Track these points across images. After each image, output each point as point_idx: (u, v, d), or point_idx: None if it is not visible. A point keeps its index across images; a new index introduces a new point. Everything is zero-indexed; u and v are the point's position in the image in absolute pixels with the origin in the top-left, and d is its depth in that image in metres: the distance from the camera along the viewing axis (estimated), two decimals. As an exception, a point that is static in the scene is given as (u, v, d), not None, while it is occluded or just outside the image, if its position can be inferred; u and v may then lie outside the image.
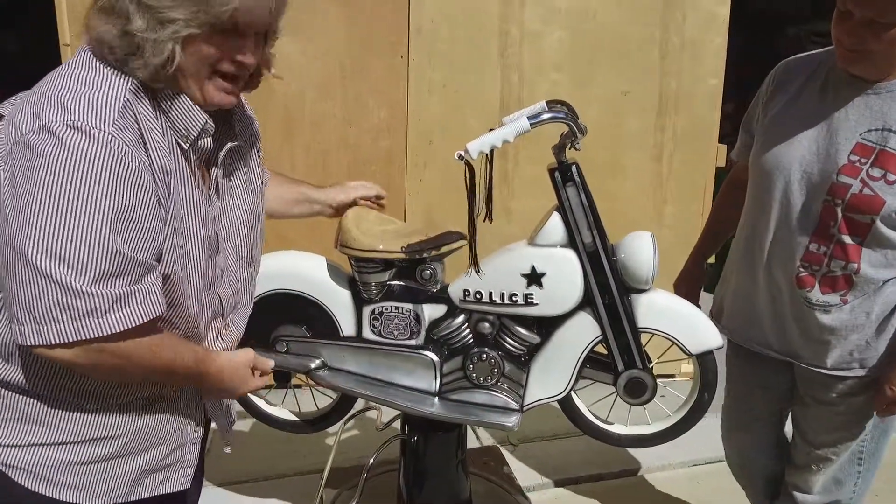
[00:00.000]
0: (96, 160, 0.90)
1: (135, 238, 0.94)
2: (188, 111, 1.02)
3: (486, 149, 1.31)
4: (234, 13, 0.94)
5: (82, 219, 0.89)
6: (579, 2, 2.77)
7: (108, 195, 0.90)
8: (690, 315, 1.54)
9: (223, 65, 1.00)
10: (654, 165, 3.00)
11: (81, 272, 0.90)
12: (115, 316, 0.93)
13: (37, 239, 0.89)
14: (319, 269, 1.63)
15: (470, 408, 1.58)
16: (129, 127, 0.94)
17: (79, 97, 0.93)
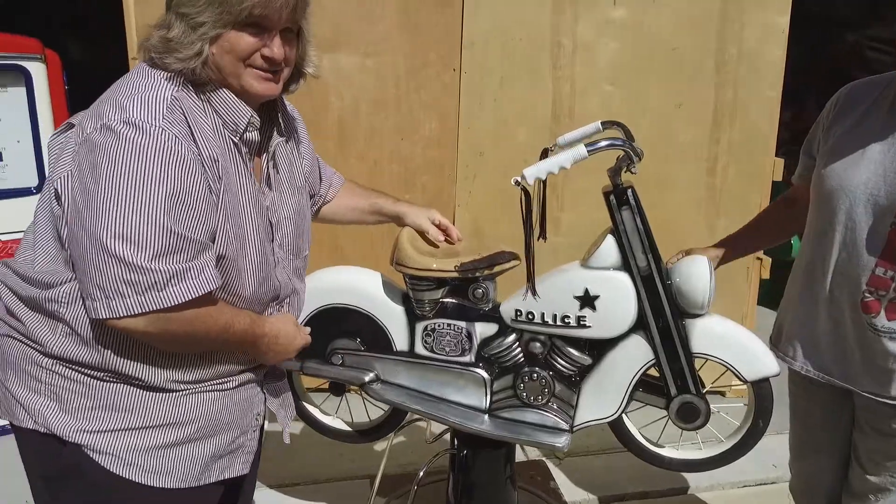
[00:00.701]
0: (148, 151, 1.02)
1: (187, 219, 1.05)
2: (234, 105, 1.16)
3: (543, 175, 1.32)
4: (251, 10, 1.08)
5: (140, 202, 1.01)
6: (633, 13, 2.75)
7: (161, 181, 1.02)
8: (746, 341, 1.52)
9: (254, 58, 1.13)
10: (707, 178, 2.95)
11: (142, 250, 1.01)
12: (173, 289, 1.04)
13: (104, 223, 1.01)
14: (375, 285, 1.67)
15: (520, 426, 1.59)
16: (177, 121, 1.07)
17: (132, 98, 1.07)
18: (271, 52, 1.13)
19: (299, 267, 1.40)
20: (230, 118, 1.16)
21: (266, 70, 1.16)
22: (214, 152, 1.11)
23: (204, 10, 1.08)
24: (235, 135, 1.18)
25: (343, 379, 1.68)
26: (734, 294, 3.00)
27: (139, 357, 1.15)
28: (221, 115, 1.16)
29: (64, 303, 1.12)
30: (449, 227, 1.68)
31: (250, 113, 1.18)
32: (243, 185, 1.18)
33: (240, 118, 1.17)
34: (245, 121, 1.17)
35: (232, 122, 1.17)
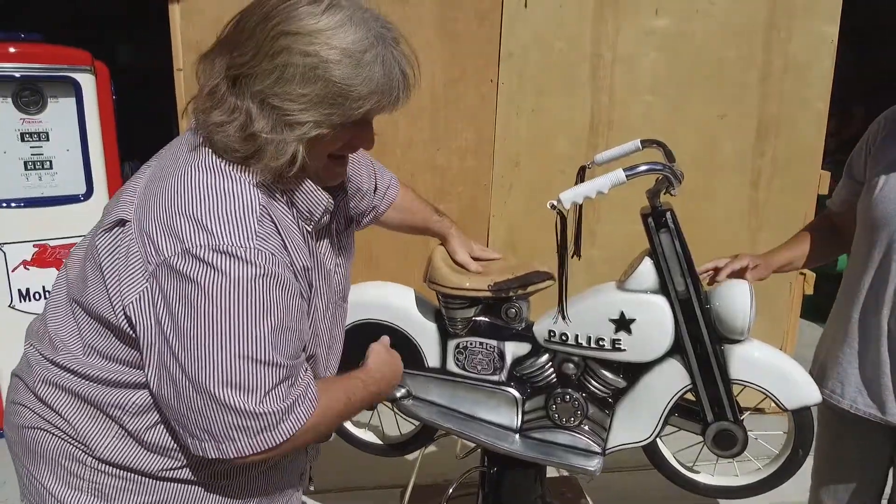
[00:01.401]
0: (248, 283, 0.90)
1: (291, 344, 0.97)
2: (312, 194, 1.03)
3: (580, 200, 1.31)
4: (371, 111, 0.95)
5: (247, 344, 0.91)
6: (676, 23, 2.70)
7: (266, 313, 0.92)
8: (787, 369, 1.47)
9: (345, 151, 1.03)
10: (750, 191, 2.88)
11: (253, 394, 0.92)
12: (285, 426, 0.95)
13: (210, 370, 0.90)
14: (408, 301, 1.67)
15: (551, 448, 1.58)
16: (270, 234, 0.95)
17: (216, 215, 0.91)
18: (367, 146, 1.04)
19: (345, 310, 1.29)
20: (305, 207, 1.03)
21: (345, 160, 1.07)
22: (303, 257, 1.01)
23: (309, 109, 0.91)
24: (309, 224, 1.05)
25: (375, 394, 1.68)
26: (776, 309, 2.93)
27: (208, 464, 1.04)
28: (297, 206, 1.02)
29: (130, 412, 1.01)
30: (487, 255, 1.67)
31: (327, 198, 1.05)
32: (319, 271, 1.08)
33: (316, 207, 1.04)
34: (322, 208, 1.05)
35: (307, 210, 1.04)
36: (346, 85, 0.90)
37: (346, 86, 0.90)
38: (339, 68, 0.89)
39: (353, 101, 0.91)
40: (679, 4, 2.68)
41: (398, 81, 0.95)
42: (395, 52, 0.95)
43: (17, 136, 2.60)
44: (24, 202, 2.61)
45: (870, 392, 1.48)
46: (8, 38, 2.54)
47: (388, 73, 0.93)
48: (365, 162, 1.38)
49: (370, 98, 0.92)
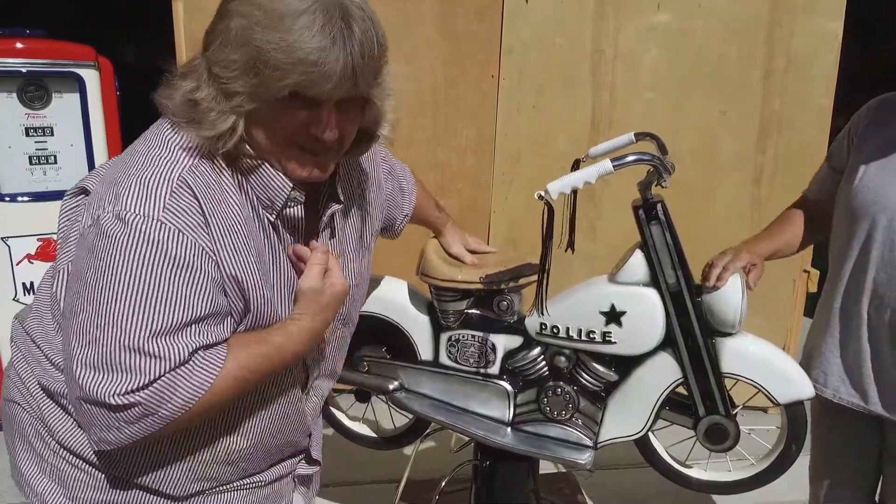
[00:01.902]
0: (136, 254, 0.83)
1: (178, 329, 0.86)
2: (270, 180, 0.93)
3: (567, 190, 1.31)
4: (295, 88, 0.83)
5: (120, 323, 0.83)
6: (677, 20, 2.69)
7: (149, 291, 0.84)
8: (780, 362, 1.47)
9: (299, 139, 0.90)
10: (752, 188, 2.86)
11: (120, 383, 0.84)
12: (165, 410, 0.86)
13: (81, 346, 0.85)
14: (401, 294, 1.68)
15: (543, 441, 1.58)
16: (185, 209, 0.86)
17: (133, 183, 0.86)
18: (321, 134, 0.88)
19: (346, 336, 1.19)
20: (265, 194, 0.94)
21: (313, 151, 0.91)
22: (240, 241, 0.91)
23: (238, 77, 0.84)
24: (272, 212, 0.95)
25: (368, 386, 1.69)
26: (779, 307, 2.91)
27: (153, 466, 0.99)
28: (255, 191, 0.93)
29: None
30: (482, 248, 1.68)
31: (290, 187, 0.94)
32: (279, 269, 0.98)
33: (276, 194, 0.94)
34: (284, 196, 0.94)
35: (267, 198, 0.94)
36: (266, 51, 0.81)
37: (265, 51, 0.81)
38: (262, 32, 0.81)
39: (273, 69, 0.81)
40: (681, 1, 2.67)
41: (333, 59, 0.81)
42: (339, 23, 0.82)
43: (22, 130, 2.63)
44: (28, 196, 2.64)
45: (852, 381, 1.48)
46: (13, 33, 2.57)
47: (321, 46, 0.81)
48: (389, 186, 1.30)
49: (293, 70, 0.81)
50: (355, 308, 1.18)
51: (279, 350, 0.95)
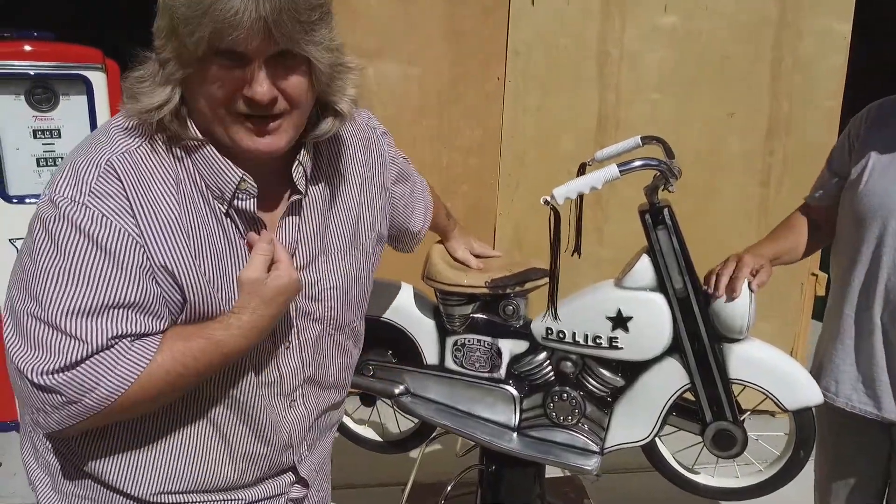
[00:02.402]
0: (64, 240, 0.82)
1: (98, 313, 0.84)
2: (217, 166, 0.89)
3: (573, 195, 1.30)
4: (209, 42, 0.80)
5: (42, 300, 0.83)
6: (684, 20, 2.67)
7: (70, 271, 0.83)
8: (788, 368, 1.45)
9: (236, 105, 0.85)
10: (760, 190, 2.85)
11: (39, 361, 0.83)
12: (90, 399, 0.84)
13: (11, 324, 0.86)
14: (406, 297, 1.67)
15: (549, 446, 1.57)
16: (109, 194, 0.84)
17: (67, 168, 0.87)
18: (251, 92, 0.83)
19: (343, 343, 1.11)
20: (213, 182, 0.90)
21: (255, 117, 0.86)
22: (173, 229, 0.87)
23: (167, 44, 0.82)
24: (223, 202, 0.91)
25: (373, 390, 1.69)
26: (787, 311, 2.89)
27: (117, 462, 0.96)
28: (206, 180, 0.90)
29: None
30: (487, 252, 1.67)
31: (240, 176, 0.90)
32: (226, 263, 0.92)
33: (225, 183, 0.90)
34: (232, 186, 0.90)
35: (216, 186, 0.90)
36: (177, 7, 0.79)
37: (177, 8, 0.80)
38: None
39: (185, 24, 0.79)
40: (687, 2, 2.66)
41: (238, 4, 0.78)
42: None
43: (30, 132, 2.64)
44: (35, 198, 2.64)
45: (865, 388, 1.46)
46: (21, 36, 2.58)
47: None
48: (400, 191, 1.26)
49: (201, 21, 0.78)
50: (352, 311, 1.09)
51: (217, 345, 0.90)
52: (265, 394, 1.01)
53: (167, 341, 0.89)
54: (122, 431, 0.95)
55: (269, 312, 0.93)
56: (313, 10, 0.83)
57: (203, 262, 0.90)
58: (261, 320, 0.92)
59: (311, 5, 0.83)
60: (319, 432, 1.13)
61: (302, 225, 0.99)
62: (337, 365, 1.11)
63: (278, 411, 1.03)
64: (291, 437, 1.06)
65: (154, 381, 0.87)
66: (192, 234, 0.89)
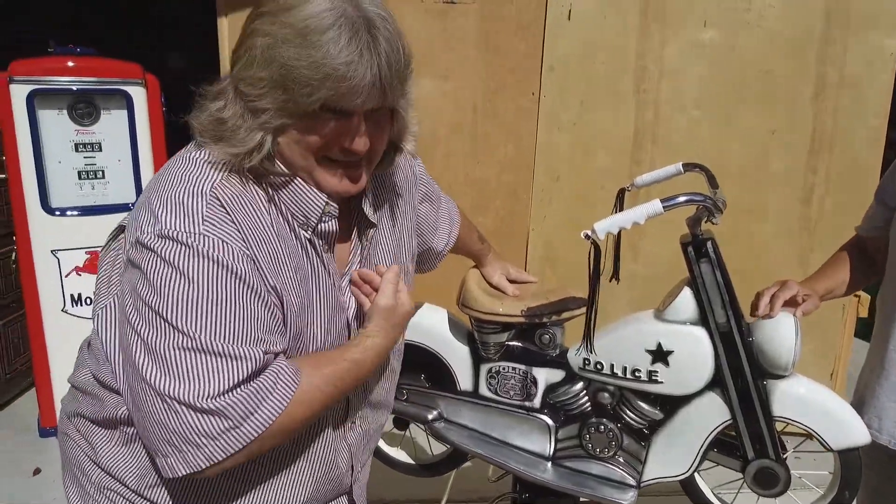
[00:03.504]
0: (192, 268, 0.82)
1: (248, 334, 0.85)
2: (303, 195, 0.93)
3: (615, 230, 1.28)
4: (326, 102, 0.83)
5: (190, 332, 0.82)
6: (725, 36, 2.62)
7: (211, 301, 0.83)
8: (834, 407, 1.41)
9: (331, 152, 0.89)
10: (802, 208, 2.78)
11: (200, 386, 0.82)
12: (252, 422, 0.84)
13: (153, 362, 0.83)
14: (441, 323, 1.66)
15: (584, 478, 1.55)
16: (222, 220, 0.86)
17: (166, 202, 0.86)
18: (353, 144, 0.88)
19: (391, 360, 1.15)
20: (298, 209, 0.93)
21: (345, 163, 0.91)
22: (274, 253, 0.90)
23: (266, 94, 0.84)
24: (306, 228, 0.95)
25: (407, 415, 1.68)
26: (828, 332, 2.81)
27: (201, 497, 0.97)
28: (288, 206, 0.93)
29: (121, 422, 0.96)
30: (522, 276, 1.65)
31: (324, 201, 0.94)
32: (316, 285, 0.97)
33: (310, 209, 0.93)
34: (318, 211, 0.94)
35: (301, 213, 0.94)
36: (293, 67, 0.81)
37: (293, 68, 0.81)
38: (287, 48, 0.81)
39: (302, 86, 0.81)
40: (728, 17, 2.61)
41: (361, 72, 0.81)
42: (365, 37, 0.82)
43: (72, 146, 2.70)
44: (77, 210, 2.71)
45: None
46: (64, 52, 2.64)
47: (348, 60, 0.81)
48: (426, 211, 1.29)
49: (322, 86, 0.81)
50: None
51: (359, 366, 0.96)
52: (338, 416, 1.06)
53: (310, 366, 0.92)
54: None
55: (395, 335, 1.03)
56: (409, 67, 0.89)
57: (301, 287, 0.94)
58: (390, 342, 1.02)
59: (409, 62, 0.89)
60: (369, 453, 1.18)
61: (369, 252, 1.06)
62: (387, 384, 1.16)
63: (342, 436, 1.07)
64: (352, 459, 1.10)
65: (314, 401, 0.91)
66: (289, 259, 0.93)
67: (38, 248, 2.67)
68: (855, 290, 1.60)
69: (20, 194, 2.62)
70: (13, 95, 2.53)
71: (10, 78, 2.52)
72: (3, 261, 2.99)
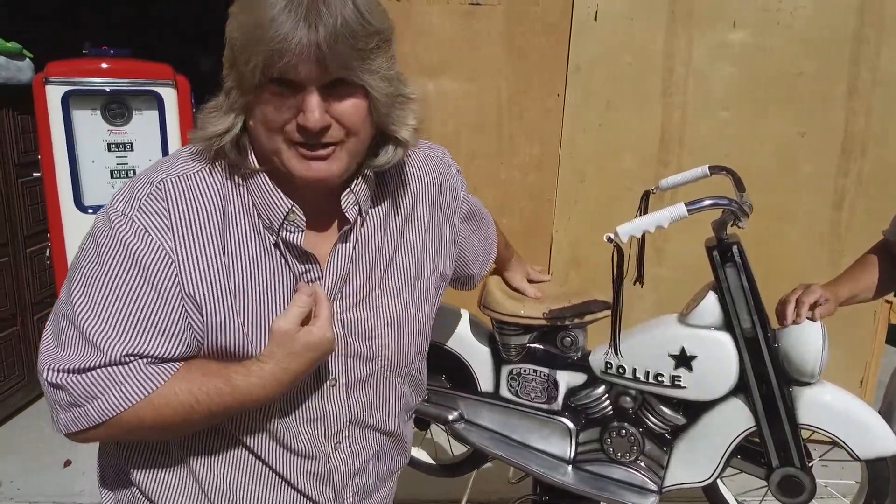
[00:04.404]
0: (104, 247, 0.86)
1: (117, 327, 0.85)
2: (268, 196, 0.90)
3: (638, 234, 1.27)
4: (263, 69, 0.80)
5: (74, 302, 0.86)
6: (754, 36, 2.58)
7: (104, 281, 0.85)
8: (862, 416, 1.38)
9: (289, 130, 0.85)
10: (832, 212, 2.72)
11: (57, 356, 0.86)
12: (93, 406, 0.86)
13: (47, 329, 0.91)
14: (462, 324, 1.67)
15: (604, 482, 1.54)
16: (154, 211, 0.86)
17: (127, 186, 0.91)
18: (303, 119, 0.83)
19: (400, 386, 1.06)
20: (265, 211, 0.90)
21: (306, 145, 0.85)
22: (210, 256, 0.88)
23: (229, 73, 0.85)
24: (272, 233, 0.90)
25: (427, 415, 1.69)
26: (858, 338, 2.75)
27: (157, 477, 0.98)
28: (258, 209, 0.90)
29: None
30: (538, 277, 1.65)
31: (288, 207, 0.89)
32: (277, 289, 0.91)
33: (273, 212, 0.89)
34: (280, 216, 0.89)
35: (267, 216, 0.90)
36: (235, 38, 0.82)
37: (235, 38, 0.82)
38: (233, 21, 0.83)
39: (241, 52, 0.81)
40: (758, 17, 2.56)
41: (289, 30, 0.77)
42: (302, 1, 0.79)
43: (105, 146, 2.76)
44: (108, 208, 2.77)
45: None
46: (98, 54, 2.70)
47: (272, 17, 0.78)
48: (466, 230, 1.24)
49: (255, 48, 0.79)
50: (407, 353, 1.03)
51: (234, 389, 0.88)
52: (307, 430, 0.98)
53: (187, 372, 0.88)
54: (168, 446, 0.97)
55: (294, 367, 0.89)
56: (370, 38, 0.82)
57: (239, 298, 0.89)
58: (284, 373, 0.89)
59: (369, 32, 0.81)
60: (373, 481, 1.08)
61: (356, 257, 0.96)
62: (390, 409, 1.05)
63: (321, 450, 0.99)
64: (334, 478, 1.01)
65: (167, 407, 0.87)
66: (232, 268, 0.89)
67: (72, 245, 2.73)
68: (883, 295, 1.57)
69: (54, 192, 2.69)
70: (49, 96, 2.60)
71: (46, 79, 2.59)
72: (37, 257, 3.07)
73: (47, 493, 2.50)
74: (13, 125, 2.88)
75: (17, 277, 2.98)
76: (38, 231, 3.05)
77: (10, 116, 2.85)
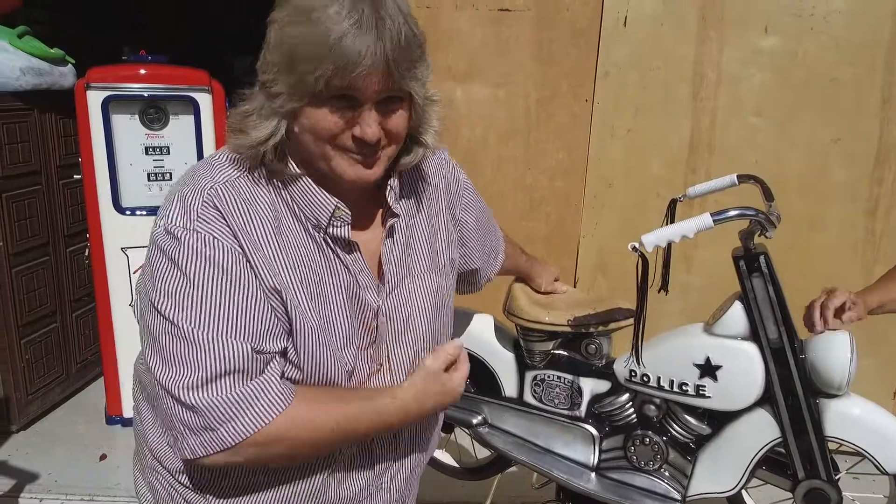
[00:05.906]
0: (181, 258, 0.87)
1: (228, 325, 0.87)
2: (312, 196, 0.94)
3: (663, 243, 1.28)
4: (329, 80, 0.82)
5: (174, 319, 0.86)
6: (787, 42, 2.55)
7: (197, 291, 0.86)
8: (890, 428, 1.37)
9: (342, 139, 0.89)
10: (866, 220, 2.67)
11: (180, 375, 0.86)
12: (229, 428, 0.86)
13: (150, 344, 0.89)
14: (487, 329, 1.69)
15: (628, 490, 1.54)
16: (212, 219, 0.89)
17: (175, 198, 0.91)
18: (362, 133, 0.87)
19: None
20: (309, 210, 0.94)
21: (358, 153, 0.90)
22: (274, 255, 0.91)
23: (278, 78, 0.85)
24: (318, 230, 0.95)
25: (452, 419, 1.71)
26: (890, 348, 2.70)
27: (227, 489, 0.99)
28: (303, 211, 0.94)
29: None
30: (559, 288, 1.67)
31: (334, 204, 0.94)
32: (336, 283, 0.96)
33: (320, 211, 0.94)
34: (328, 213, 0.94)
35: (312, 215, 0.94)
36: (297, 45, 0.82)
37: (296, 45, 0.82)
38: (292, 28, 0.83)
39: (305, 62, 0.82)
40: (791, 21, 2.53)
41: (361, 44, 0.80)
42: (366, 11, 0.81)
43: (142, 149, 2.84)
44: (145, 210, 2.85)
45: None
46: (137, 60, 2.78)
47: (345, 31, 0.80)
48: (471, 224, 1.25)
49: (324, 59, 0.81)
50: (440, 333, 1.10)
51: (379, 411, 0.94)
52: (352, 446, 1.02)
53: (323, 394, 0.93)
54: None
55: (426, 405, 0.98)
56: (419, 48, 0.87)
57: (307, 284, 0.93)
58: (414, 403, 0.97)
59: (419, 43, 0.87)
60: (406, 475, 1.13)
61: (393, 248, 1.02)
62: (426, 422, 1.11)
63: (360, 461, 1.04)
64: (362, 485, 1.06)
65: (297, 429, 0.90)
66: (293, 257, 0.93)
67: (110, 245, 2.82)
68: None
69: (94, 194, 2.77)
70: (90, 101, 2.69)
71: (87, 85, 2.67)
72: (76, 257, 3.17)
73: (83, 486, 2.58)
74: (56, 129, 2.98)
75: (57, 276, 3.08)
76: (77, 231, 3.15)
77: (53, 120, 2.96)
